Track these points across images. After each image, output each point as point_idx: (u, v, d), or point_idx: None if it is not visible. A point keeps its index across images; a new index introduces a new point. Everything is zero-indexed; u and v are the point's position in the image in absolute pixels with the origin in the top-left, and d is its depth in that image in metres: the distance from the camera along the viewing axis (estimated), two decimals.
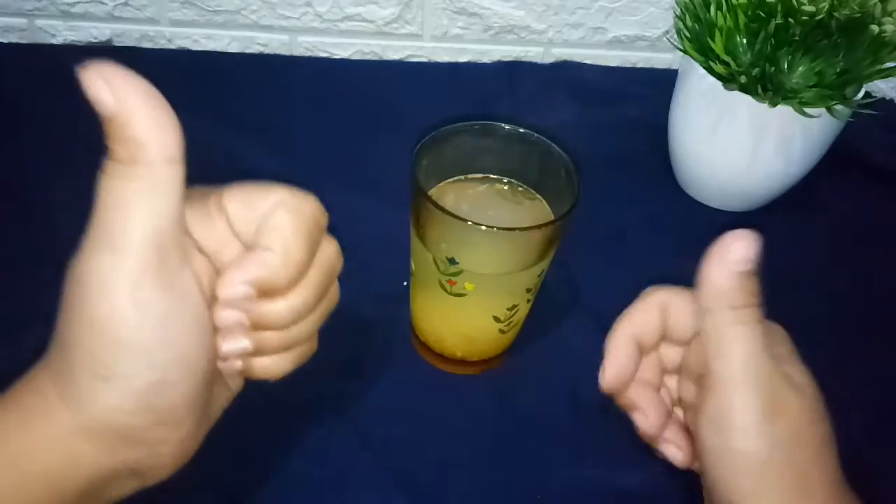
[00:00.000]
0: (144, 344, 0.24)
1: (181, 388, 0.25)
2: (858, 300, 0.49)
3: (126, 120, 0.22)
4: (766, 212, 0.55)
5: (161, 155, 0.23)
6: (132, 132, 0.22)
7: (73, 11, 0.65)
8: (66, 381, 0.24)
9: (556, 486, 0.38)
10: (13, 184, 0.51)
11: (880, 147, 0.61)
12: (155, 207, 0.23)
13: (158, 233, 0.23)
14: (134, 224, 0.23)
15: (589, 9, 0.66)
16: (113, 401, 0.24)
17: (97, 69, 0.22)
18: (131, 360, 0.24)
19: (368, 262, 0.48)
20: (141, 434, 0.25)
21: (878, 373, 0.45)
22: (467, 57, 0.69)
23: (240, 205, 0.28)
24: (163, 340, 0.24)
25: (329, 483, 0.37)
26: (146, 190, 0.23)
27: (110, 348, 0.23)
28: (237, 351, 0.27)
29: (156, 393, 0.24)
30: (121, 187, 0.23)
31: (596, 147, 0.56)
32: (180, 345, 0.25)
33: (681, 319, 0.33)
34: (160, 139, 0.23)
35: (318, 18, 0.66)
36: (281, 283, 0.27)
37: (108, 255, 0.23)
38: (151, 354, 0.24)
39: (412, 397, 0.41)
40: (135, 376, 0.24)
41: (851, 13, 0.43)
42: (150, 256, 0.23)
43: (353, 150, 0.57)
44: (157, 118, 0.23)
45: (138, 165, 0.23)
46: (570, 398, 0.41)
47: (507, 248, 0.36)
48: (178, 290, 0.24)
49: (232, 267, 0.26)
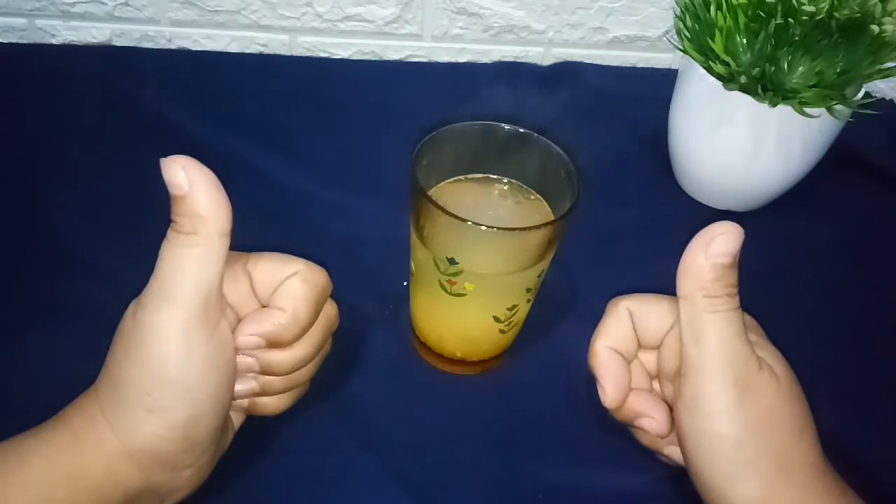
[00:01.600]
0: (188, 383, 0.28)
1: (211, 421, 0.30)
2: (858, 300, 0.49)
3: (194, 200, 0.27)
4: (766, 212, 0.55)
5: (216, 229, 0.28)
6: (197, 209, 0.27)
7: (73, 11, 0.65)
8: (116, 410, 0.28)
9: (556, 486, 0.38)
10: (13, 183, 0.51)
11: (880, 147, 0.61)
12: (206, 270, 0.28)
13: (207, 291, 0.28)
14: (188, 282, 0.28)
15: (589, 9, 0.66)
16: (157, 430, 0.28)
17: (176, 158, 0.28)
18: (176, 396, 0.28)
19: (368, 262, 0.48)
20: (173, 459, 0.29)
21: (879, 372, 0.45)
22: (467, 57, 0.69)
23: (264, 272, 0.33)
24: (203, 380, 0.29)
25: (329, 483, 0.37)
26: (201, 255, 0.28)
27: (159, 385, 0.28)
28: (246, 391, 0.33)
29: (192, 425, 0.29)
30: (181, 253, 0.28)
31: (596, 147, 0.56)
32: (215, 384, 0.29)
33: (650, 325, 0.34)
34: (218, 216, 0.28)
35: (318, 18, 0.66)
36: (288, 339, 0.32)
37: (165, 307, 0.28)
38: (193, 392, 0.28)
39: (412, 397, 0.41)
40: (176, 409, 0.28)
41: (851, 13, 0.43)
42: (199, 310, 0.28)
43: (353, 150, 0.57)
44: (218, 200, 0.28)
45: (198, 236, 0.28)
46: (570, 398, 0.41)
47: (507, 248, 0.36)
48: (217, 339, 0.29)
49: (248, 320, 0.32)
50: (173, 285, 0.28)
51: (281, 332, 0.32)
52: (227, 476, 0.36)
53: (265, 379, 0.33)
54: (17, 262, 0.46)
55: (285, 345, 0.32)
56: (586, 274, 0.48)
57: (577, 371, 0.43)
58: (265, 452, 0.38)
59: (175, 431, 0.29)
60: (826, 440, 0.40)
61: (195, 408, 0.29)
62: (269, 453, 0.38)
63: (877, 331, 0.47)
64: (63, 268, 0.45)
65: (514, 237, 0.34)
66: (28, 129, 0.56)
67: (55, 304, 0.42)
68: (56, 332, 0.40)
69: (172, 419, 0.28)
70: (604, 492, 0.38)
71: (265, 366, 0.32)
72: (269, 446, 0.38)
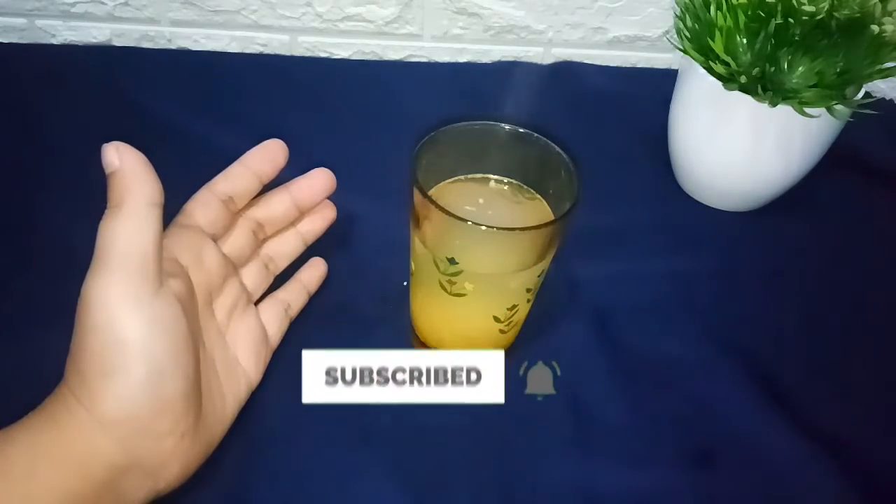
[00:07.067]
0: (137, 342, 0.29)
1: (176, 381, 0.30)
2: (859, 300, 0.49)
3: (122, 174, 0.30)
4: (766, 212, 0.55)
5: (143, 199, 0.30)
6: (124, 181, 0.30)
7: (73, 11, 0.65)
8: (79, 383, 0.29)
9: (556, 486, 0.38)
10: (13, 183, 0.51)
11: (880, 147, 0.61)
12: (138, 237, 0.29)
13: (141, 256, 0.29)
14: (121, 249, 0.29)
15: (589, 9, 0.66)
16: (119, 393, 0.29)
17: (112, 143, 0.30)
18: (128, 355, 0.29)
19: (368, 262, 0.48)
20: (147, 425, 0.30)
21: (879, 372, 0.45)
22: (467, 57, 0.69)
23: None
24: (153, 338, 0.30)
25: (329, 483, 0.37)
26: (131, 223, 0.29)
27: (109, 347, 0.29)
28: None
29: (155, 384, 0.30)
30: (113, 223, 0.29)
31: (596, 147, 0.56)
32: (168, 341, 0.30)
33: None
34: (144, 187, 0.30)
35: (318, 18, 0.66)
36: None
37: (103, 274, 0.29)
38: (144, 350, 0.29)
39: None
40: (132, 370, 0.29)
41: (851, 13, 0.43)
42: (135, 274, 0.29)
43: (353, 150, 0.56)
44: (144, 173, 0.30)
45: (127, 206, 0.29)
46: (570, 398, 0.41)
47: (507, 248, 0.36)
48: (163, 300, 0.30)
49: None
50: (108, 254, 0.29)
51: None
52: (227, 476, 0.36)
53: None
54: (17, 262, 0.46)
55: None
56: (586, 274, 0.48)
57: (577, 371, 0.43)
58: (265, 452, 0.38)
59: (138, 392, 0.29)
60: (827, 440, 0.40)
61: (151, 365, 0.29)
62: (268, 453, 0.38)
63: (877, 331, 0.47)
64: (63, 268, 0.45)
65: (514, 237, 0.34)
66: (28, 129, 0.56)
67: (55, 304, 0.42)
68: (56, 332, 0.40)
69: (131, 380, 0.29)
70: (604, 491, 0.38)
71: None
72: (268, 446, 0.38)
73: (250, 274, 0.40)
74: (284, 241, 0.42)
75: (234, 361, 0.37)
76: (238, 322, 0.38)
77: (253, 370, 0.38)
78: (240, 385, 0.37)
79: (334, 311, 0.45)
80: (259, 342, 0.39)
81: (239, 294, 0.38)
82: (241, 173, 0.39)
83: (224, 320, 0.37)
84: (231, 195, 0.38)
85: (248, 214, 0.40)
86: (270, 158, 0.40)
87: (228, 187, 0.38)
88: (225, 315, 0.37)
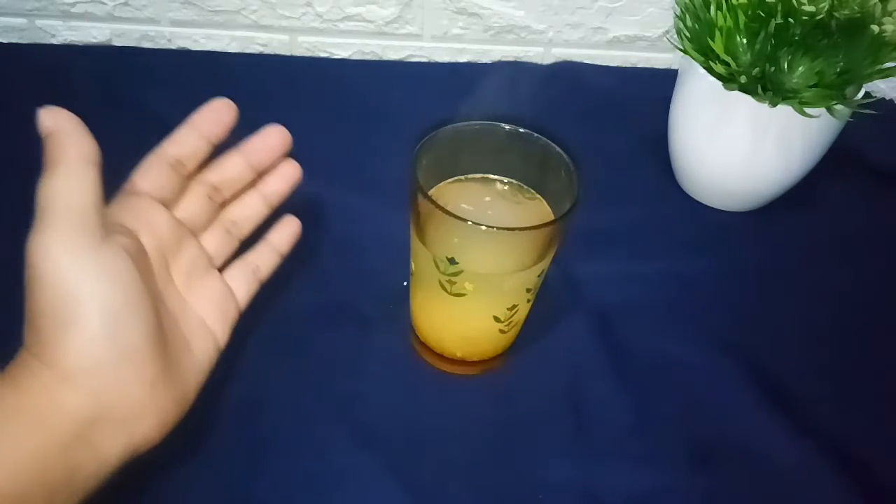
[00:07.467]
0: (87, 291, 0.29)
1: (135, 328, 0.31)
2: (858, 300, 0.49)
3: (57, 134, 0.31)
4: (766, 212, 0.55)
5: (77, 156, 0.31)
6: (58, 140, 0.31)
7: (73, 11, 0.65)
8: (37, 341, 0.30)
9: (556, 486, 0.38)
10: (13, 183, 0.51)
11: (880, 147, 0.61)
12: (75, 193, 0.30)
13: (80, 211, 0.30)
14: (59, 204, 0.30)
15: (589, 9, 0.66)
16: (77, 343, 0.29)
17: (49, 108, 0.32)
18: (81, 305, 0.29)
19: (368, 262, 0.48)
20: (113, 373, 0.30)
21: (880, 372, 0.45)
22: (467, 57, 0.69)
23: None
24: (102, 285, 0.30)
25: (329, 483, 0.37)
26: (67, 180, 0.30)
27: (60, 298, 0.29)
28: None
29: (112, 331, 0.30)
30: (50, 182, 0.30)
31: (596, 147, 0.56)
32: (120, 288, 0.30)
33: None
34: (78, 145, 0.31)
35: (318, 18, 0.66)
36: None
37: (43, 229, 0.30)
38: (96, 298, 0.29)
39: (412, 397, 0.41)
40: (87, 318, 0.29)
41: (851, 13, 0.43)
42: (75, 227, 0.30)
43: (353, 150, 0.57)
44: (77, 132, 0.31)
45: (61, 164, 0.30)
46: (571, 398, 0.41)
47: (507, 248, 0.36)
48: (107, 250, 0.30)
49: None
50: (48, 211, 0.30)
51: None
52: (227, 476, 0.36)
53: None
54: (17, 262, 0.46)
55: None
56: (586, 273, 0.48)
57: (577, 371, 0.43)
58: (265, 452, 0.38)
59: (96, 341, 0.29)
60: (827, 440, 0.40)
61: (106, 313, 0.29)
62: (268, 453, 0.38)
63: (877, 330, 0.47)
64: None
65: (514, 237, 0.34)
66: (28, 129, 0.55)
67: None
68: None
69: (87, 329, 0.29)
70: (604, 491, 0.38)
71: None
72: (268, 446, 0.38)
73: (211, 238, 0.39)
74: (245, 204, 0.40)
75: (200, 322, 0.36)
76: (199, 285, 0.37)
77: (220, 332, 0.37)
78: (208, 344, 0.36)
79: (334, 311, 0.45)
80: (224, 304, 0.38)
81: (197, 258, 0.37)
82: (188, 135, 0.38)
83: (184, 283, 0.36)
84: (179, 158, 0.37)
85: (200, 178, 0.39)
86: (218, 119, 0.38)
87: (175, 150, 0.37)
88: (184, 278, 0.36)
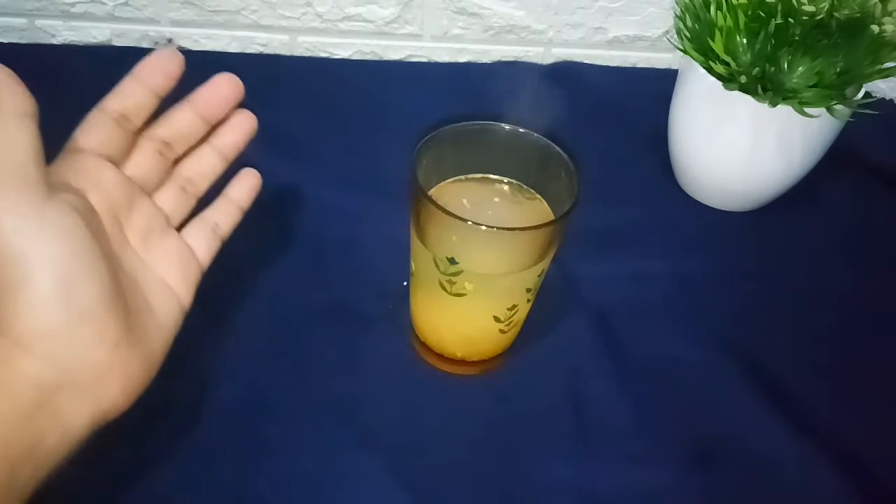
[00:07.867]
0: (34, 249, 0.28)
1: (89, 286, 0.29)
2: (858, 300, 0.49)
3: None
4: (766, 212, 0.55)
5: (12, 110, 0.28)
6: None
7: (73, 11, 0.65)
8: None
9: (556, 486, 0.38)
10: None
11: (880, 147, 0.61)
12: (13, 148, 0.28)
13: (19, 165, 0.28)
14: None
15: (589, 9, 0.66)
16: (28, 305, 0.28)
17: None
18: (29, 265, 0.28)
19: (368, 262, 0.48)
20: (71, 334, 0.29)
21: (880, 372, 0.45)
22: (467, 57, 0.69)
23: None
24: (50, 244, 0.28)
25: (329, 483, 0.37)
26: (3, 135, 0.28)
27: (7, 260, 0.27)
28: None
29: (64, 291, 0.28)
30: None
31: (596, 147, 0.56)
32: (69, 249, 0.29)
33: None
34: (12, 98, 0.29)
35: (318, 18, 0.66)
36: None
37: None
38: (43, 257, 0.28)
39: (412, 397, 0.41)
40: (37, 278, 0.28)
41: (851, 13, 0.43)
42: (16, 183, 0.28)
43: (353, 150, 0.57)
44: (11, 84, 0.29)
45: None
46: (570, 398, 0.41)
47: (507, 248, 0.36)
48: (52, 208, 0.28)
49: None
50: None
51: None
52: (227, 476, 0.36)
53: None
54: None
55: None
56: (586, 274, 0.48)
57: (577, 371, 0.43)
58: (265, 452, 0.38)
59: (49, 302, 0.28)
60: (826, 440, 0.40)
61: (56, 272, 0.28)
62: (269, 453, 0.38)
63: (877, 330, 0.47)
64: None
65: (514, 237, 0.34)
66: None
67: None
68: None
69: (38, 290, 0.28)
70: (604, 491, 0.38)
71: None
72: (269, 446, 0.38)
73: (165, 197, 0.37)
74: (198, 159, 0.39)
75: (161, 283, 0.35)
76: (157, 246, 0.35)
77: (182, 292, 0.36)
78: (171, 306, 0.35)
79: (334, 311, 0.45)
80: (186, 264, 0.36)
81: (152, 217, 0.36)
82: (131, 87, 0.36)
83: (140, 244, 0.35)
84: (123, 113, 0.35)
85: (149, 134, 0.37)
86: (162, 69, 0.36)
87: (119, 104, 0.35)
88: (140, 239, 0.35)
